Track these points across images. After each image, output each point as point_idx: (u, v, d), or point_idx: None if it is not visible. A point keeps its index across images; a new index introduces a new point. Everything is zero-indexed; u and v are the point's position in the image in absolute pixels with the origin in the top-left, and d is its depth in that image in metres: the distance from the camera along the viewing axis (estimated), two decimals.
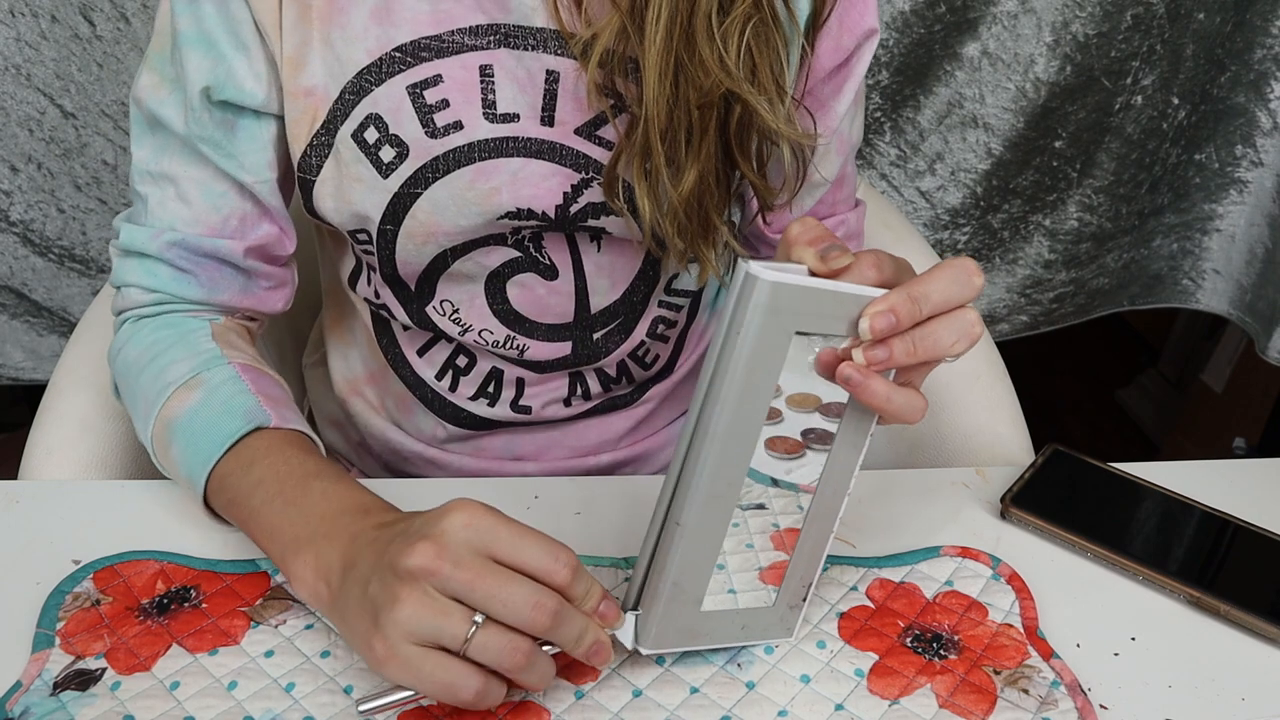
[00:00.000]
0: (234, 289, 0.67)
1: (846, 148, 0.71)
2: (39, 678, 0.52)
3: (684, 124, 0.59)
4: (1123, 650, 0.57)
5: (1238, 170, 1.41)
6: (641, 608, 0.51)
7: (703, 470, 0.47)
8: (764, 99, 0.59)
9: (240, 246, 0.65)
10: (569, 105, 0.62)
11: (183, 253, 0.65)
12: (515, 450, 0.77)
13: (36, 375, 1.42)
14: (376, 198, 0.63)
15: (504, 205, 0.63)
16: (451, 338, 0.71)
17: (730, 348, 0.45)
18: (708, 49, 0.57)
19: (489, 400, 0.74)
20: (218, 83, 0.61)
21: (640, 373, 0.76)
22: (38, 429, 0.76)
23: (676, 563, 0.49)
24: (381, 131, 0.62)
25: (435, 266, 0.67)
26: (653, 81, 0.57)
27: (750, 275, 0.44)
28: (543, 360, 0.72)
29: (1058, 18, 1.29)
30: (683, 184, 0.60)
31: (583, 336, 0.71)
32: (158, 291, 0.66)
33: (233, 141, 0.63)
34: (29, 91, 1.23)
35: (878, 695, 0.53)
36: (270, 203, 0.66)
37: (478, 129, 0.62)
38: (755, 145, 0.63)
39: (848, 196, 0.75)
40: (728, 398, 0.46)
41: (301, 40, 0.61)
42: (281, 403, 0.61)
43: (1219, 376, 1.79)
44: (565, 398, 0.75)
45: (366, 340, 0.77)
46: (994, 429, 0.83)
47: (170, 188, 0.64)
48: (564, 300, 0.69)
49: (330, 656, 0.54)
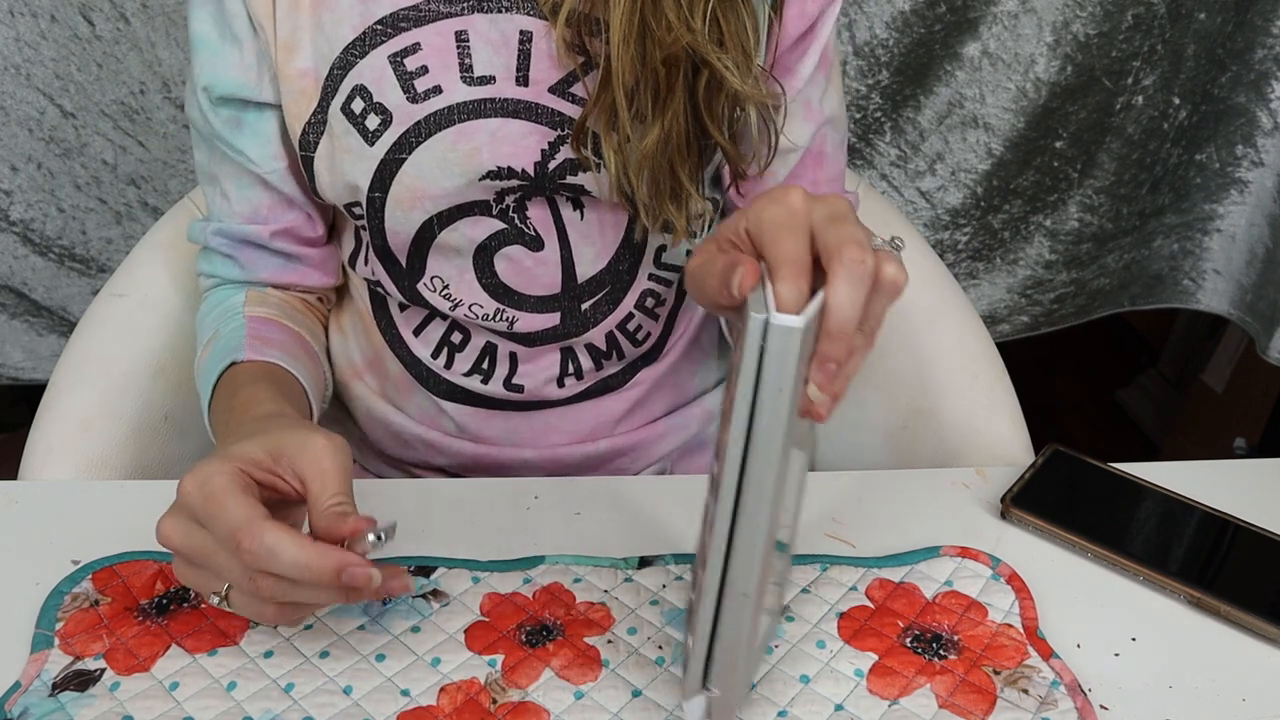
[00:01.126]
0: (271, 268, 0.74)
1: (818, 118, 0.71)
2: (38, 678, 0.52)
3: (650, 83, 0.61)
4: (1123, 650, 0.57)
5: (1238, 170, 1.41)
6: (716, 687, 0.48)
7: (758, 533, 0.44)
8: (729, 61, 0.61)
9: (267, 230, 0.72)
10: (543, 64, 0.64)
11: (224, 240, 0.73)
12: (514, 436, 0.78)
13: (36, 375, 1.42)
14: (364, 165, 0.66)
15: (485, 164, 0.66)
16: (445, 314, 0.73)
17: (768, 406, 0.42)
18: (674, 13, 0.59)
19: (483, 377, 0.76)
20: (213, 80, 0.67)
21: (631, 349, 0.77)
22: (37, 429, 0.76)
23: (747, 630, 0.47)
24: (367, 101, 0.65)
25: (423, 236, 0.69)
26: (618, 42, 0.60)
27: (776, 327, 0.41)
28: (533, 332, 0.73)
29: (1058, 17, 1.29)
30: (646, 139, 0.62)
31: (571, 307, 0.73)
32: (213, 275, 0.75)
33: (239, 137, 0.69)
34: (28, 91, 1.23)
35: (877, 695, 0.53)
36: (287, 190, 0.71)
37: (456, 92, 0.64)
38: (723, 109, 0.64)
39: (832, 178, 0.75)
40: (772, 455, 0.43)
41: (294, 26, 0.65)
42: (271, 343, 0.69)
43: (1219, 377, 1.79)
44: (557, 376, 0.76)
45: (365, 326, 0.79)
46: (994, 429, 0.83)
47: (216, 186, 0.73)
48: (551, 270, 0.71)
49: (329, 657, 0.54)
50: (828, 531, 0.64)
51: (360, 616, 0.57)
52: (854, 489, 0.68)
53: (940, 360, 0.87)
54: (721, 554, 0.45)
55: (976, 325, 0.88)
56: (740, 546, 0.45)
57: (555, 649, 0.55)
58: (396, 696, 0.52)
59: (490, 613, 0.57)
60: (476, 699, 0.52)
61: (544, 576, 0.60)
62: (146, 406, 0.79)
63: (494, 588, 0.59)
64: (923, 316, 0.89)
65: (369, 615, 0.57)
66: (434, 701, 0.52)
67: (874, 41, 1.31)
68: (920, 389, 0.87)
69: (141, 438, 0.78)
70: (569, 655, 0.55)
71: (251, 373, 0.66)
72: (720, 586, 0.46)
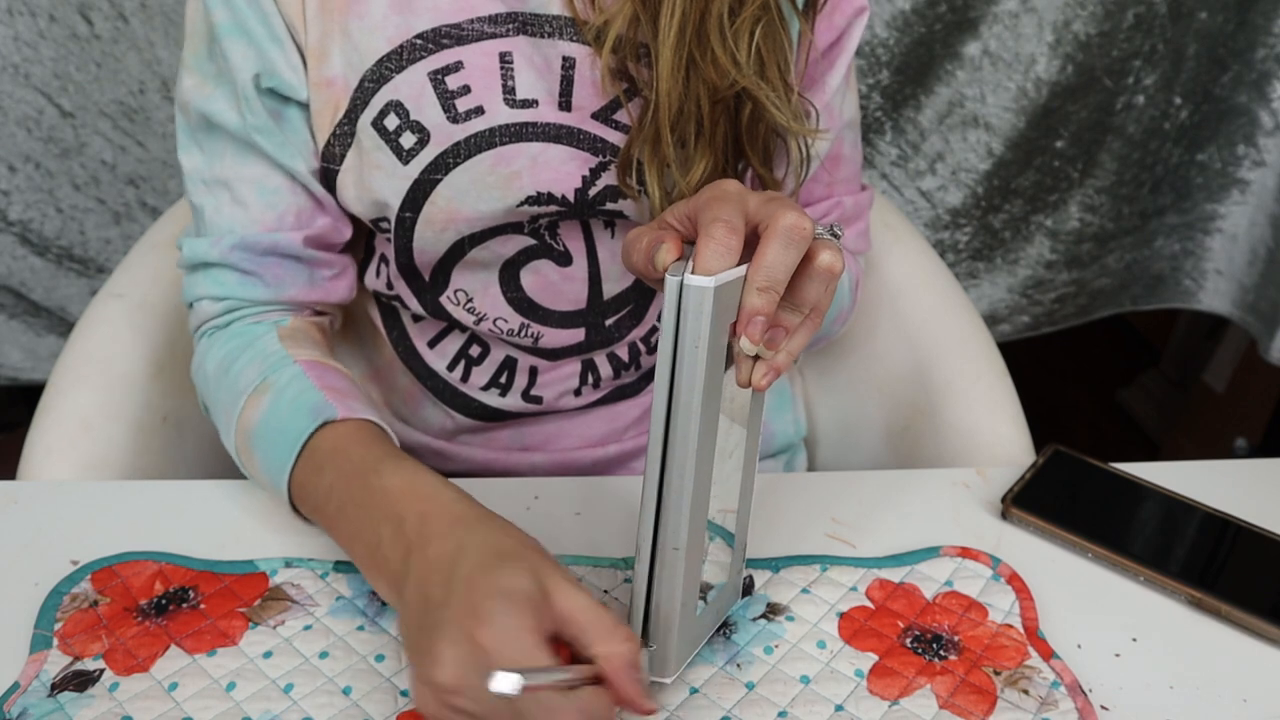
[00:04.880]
0: (300, 283, 0.68)
1: (838, 124, 0.72)
2: (37, 678, 0.52)
3: (694, 116, 0.61)
4: (1124, 651, 0.57)
5: (1239, 170, 1.41)
6: (654, 641, 0.50)
7: (685, 488, 0.47)
8: (774, 95, 0.61)
9: (299, 237, 0.66)
10: (585, 90, 0.63)
11: (244, 254, 0.66)
12: (523, 441, 0.77)
13: (35, 375, 1.41)
14: (396, 184, 0.64)
15: (525, 190, 0.64)
16: (465, 327, 0.72)
17: (687, 361, 0.45)
18: (720, 48, 0.59)
19: (500, 390, 0.75)
20: (266, 70, 0.62)
21: (649, 359, 0.77)
22: (36, 429, 0.75)
23: (681, 586, 0.49)
24: (402, 118, 0.63)
25: (452, 255, 0.68)
26: (665, 75, 0.59)
27: (690, 286, 0.44)
28: (557, 347, 0.72)
29: (1059, 17, 1.29)
30: (692, 173, 0.62)
31: (596, 323, 0.72)
32: (227, 299, 0.67)
33: (283, 130, 0.64)
34: (27, 91, 1.23)
35: (878, 696, 0.53)
36: (318, 192, 0.66)
37: (498, 114, 0.63)
38: (762, 138, 0.64)
39: (848, 178, 0.76)
40: (695, 411, 0.46)
41: (323, 32, 0.62)
42: (347, 394, 0.61)
43: (1220, 377, 1.79)
44: (576, 387, 0.75)
45: (371, 336, 0.78)
46: (995, 429, 0.83)
47: (225, 193, 0.65)
48: (578, 287, 0.70)
49: (329, 657, 0.54)
50: (828, 532, 0.64)
51: (359, 617, 0.57)
52: (854, 489, 0.68)
53: (941, 360, 0.87)
54: (652, 511, 0.48)
55: (977, 325, 0.88)
56: (670, 502, 0.47)
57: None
58: (395, 697, 0.52)
59: None
60: None
61: None
62: (146, 407, 0.79)
63: None
64: (923, 317, 0.89)
65: (368, 616, 0.57)
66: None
67: (874, 41, 1.31)
68: (921, 389, 0.87)
69: (141, 438, 0.78)
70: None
71: (365, 437, 0.58)
72: (652, 542, 0.48)
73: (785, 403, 0.88)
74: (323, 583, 0.59)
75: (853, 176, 0.76)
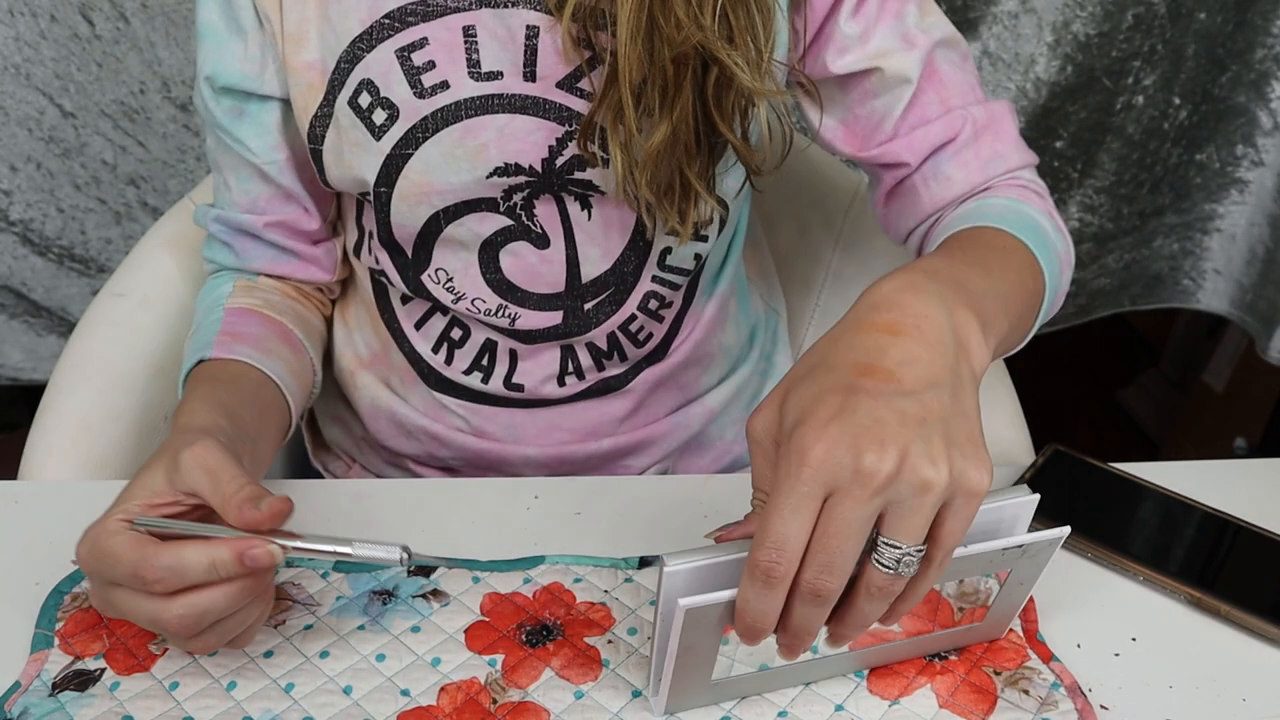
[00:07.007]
0: (265, 259, 0.75)
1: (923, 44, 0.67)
2: (38, 678, 0.52)
3: (658, 80, 0.61)
4: (1123, 651, 0.57)
5: (1238, 170, 1.41)
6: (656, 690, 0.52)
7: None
8: (739, 58, 0.61)
9: (260, 221, 0.73)
10: (549, 59, 0.64)
11: (222, 227, 0.74)
12: (516, 433, 0.78)
13: (35, 375, 1.41)
14: (371, 160, 0.66)
15: (492, 161, 0.66)
16: (446, 309, 0.74)
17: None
18: (683, 11, 0.59)
19: (483, 375, 0.76)
20: (215, 70, 0.67)
21: (633, 350, 0.76)
22: (37, 429, 0.76)
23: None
24: (373, 95, 0.65)
25: (429, 230, 0.69)
26: (625, 39, 0.59)
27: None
28: (534, 330, 0.73)
29: (1058, 17, 1.29)
30: (654, 137, 0.62)
31: (574, 306, 0.73)
32: (213, 261, 0.77)
33: (240, 128, 0.69)
34: (28, 91, 1.23)
35: (878, 695, 0.53)
36: (285, 183, 0.72)
37: (463, 88, 0.64)
38: (734, 106, 0.64)
39: (964, 93, 0.70)
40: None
41: (301, 17, 0.65)
42: (243, 338, 0.68)
43: (1220, 376, 1.79)
44: (557, 375, 0.76)
45: (370, 319, 0.79)
46: (994, 429, 0.83)
47: (219, 176, 0.74)
48: (556, 269, 0.71)
49: (329, 657, 0.54)
50: None
51: (360, 616, 0.57)
52: None
53: None
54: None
55: None
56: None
57: (555, 649, 0.55)
58: (396, 696, 0.52)
59: (490, 612, 0.57)
60: (476, 699, 0.52)
61: (544, 576, 0.60)
62: (146, 406, 0.79)
63: (494, 587, 0.59)
64: None
65: (369, 615, 0.57)
66: (434, 701, 0.52)
67: None
68: None
69: (141, 438, 0.78)
70: (569, 655, 0.55)
71: (210, 374, 0.65)
72: None
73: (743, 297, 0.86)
74: (324, 582, 0.59)
75: (969, 91, 0.70)
